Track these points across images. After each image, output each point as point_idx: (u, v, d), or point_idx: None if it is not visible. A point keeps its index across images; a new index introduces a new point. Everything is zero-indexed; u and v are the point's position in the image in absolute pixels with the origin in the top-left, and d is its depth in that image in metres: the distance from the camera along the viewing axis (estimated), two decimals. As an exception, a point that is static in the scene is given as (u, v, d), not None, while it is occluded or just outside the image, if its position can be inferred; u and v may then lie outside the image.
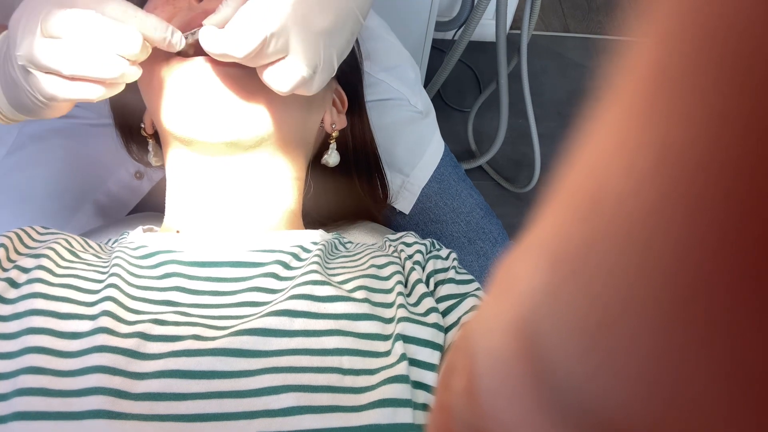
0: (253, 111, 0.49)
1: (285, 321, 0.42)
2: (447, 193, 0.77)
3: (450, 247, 0.60)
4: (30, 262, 0.45)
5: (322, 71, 0.45)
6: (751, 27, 0.09)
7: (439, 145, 0.79)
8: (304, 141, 0.57)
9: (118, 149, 0.69)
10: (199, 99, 0.47)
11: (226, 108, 0.48)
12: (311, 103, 0.55)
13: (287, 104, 0.51)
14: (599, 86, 0.12)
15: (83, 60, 0.41)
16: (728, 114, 0.09)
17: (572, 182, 0.13)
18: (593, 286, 0.12)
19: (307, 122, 0.56)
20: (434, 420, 0.20)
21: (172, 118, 0.49)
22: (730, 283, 0.10)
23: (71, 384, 0.38)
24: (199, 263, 0.48)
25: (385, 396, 0.39)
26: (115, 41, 0.41)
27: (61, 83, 0.43)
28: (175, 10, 0.49)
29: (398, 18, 1.24)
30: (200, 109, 0.48)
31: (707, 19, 0.10)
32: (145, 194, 0.75)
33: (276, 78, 0.43)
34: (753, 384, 0.10)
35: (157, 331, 0.42)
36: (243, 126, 0.49)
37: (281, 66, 0.43)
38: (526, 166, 1.59)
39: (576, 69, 1.79)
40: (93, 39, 0.41)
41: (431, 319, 0.45)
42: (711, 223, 0.10)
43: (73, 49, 0.41)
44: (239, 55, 0.41)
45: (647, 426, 0.11)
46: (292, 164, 0.55)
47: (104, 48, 0.41)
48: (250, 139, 0.50)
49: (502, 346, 0.15)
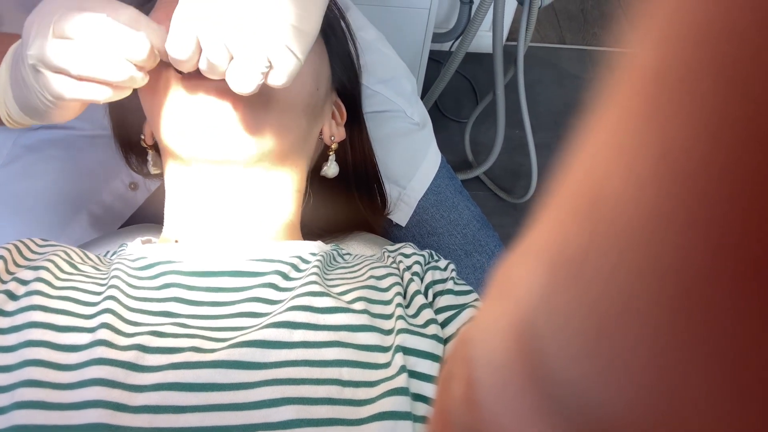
0: (253, 128, 0.49)
1: (284, 333, 0.42)
2: (444, 205, 0.77)
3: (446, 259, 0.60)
4: (29, 275, 0.45)
5: (280, 59, 0.42)
6: (750, 29, 0.09)
7: (436, 156, 0.79)
8: (304, 153, 0.57)
9: (112, 160, 0.69)
10: (199, 117, 0.48)
11: (226, 126, 0.48)
12: (310, 116, 0.55)
13: (287, 119, 0.51)
14: (596, 95, 0.12)
15: (92, 61, 0.42)
16: (727, 116, 0.09)
17: (571, 185, 0.13)
18: (592, 290, 0.12)
19: (307, 135, 0.56)
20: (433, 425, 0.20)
21: (172, 135, 0.49)
22: (730, 285, 0.10)
23: (70, 397, 0.38)
24: (198, 273, 0.48)
25: (386, 409, 0.39)
26: (124, 45, 0.42)
27: (69, 83, 0.43)
28: None
29: (396, 30, 1.24)
30: (200, 128, 0.48)
31: (706, 21, 0.10)
32: (140, 205, 0.75)
33: (235, 81, 0.42)
34: (753, 387, 0.10)
35: (156, 343, 0.42)
36: (243, 143, 0.49)
37: (233, 68, 0.42)
38: (523, 177, 1.59)
39: (572, 80, 1.80)
40: (103, 42, 0.42)
41: (430, 331, 0.45)
42: (710, 226, 0.10)
43: (82, 50, 0.42)
44: (182, 57, 0.42)
45: (648, 429, 0.11)
46: (291, 176, 0.55)
47: (113, 51, 0.42)
48: (250, 156, 0.50)
49: (500, 351, 0.15)
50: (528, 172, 1.47)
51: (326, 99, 0.59)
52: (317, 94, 0.55)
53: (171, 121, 0.49)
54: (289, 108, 0.51)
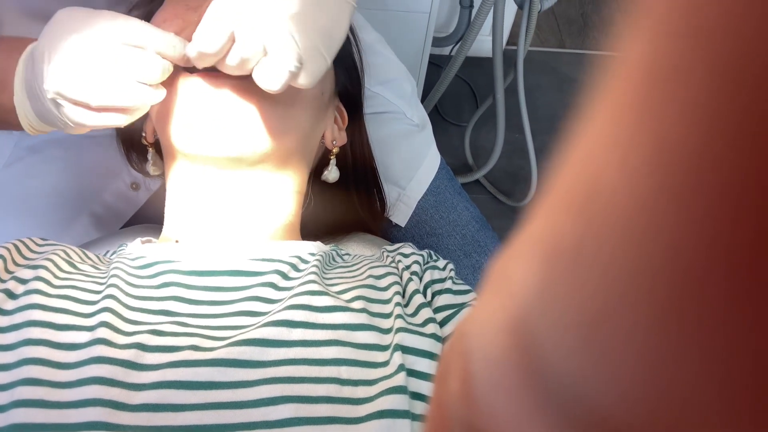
0: (258, 127, 0.49)
1: (283, 331, 0.42)
2: (443, 206, 0.77)
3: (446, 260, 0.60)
4: (28, 273, 0.45)
5: (310, 60, 0.43)
6: (744, 22, 0.09)
7: (435, 158, 0.80)
8: (306, 156, 0.57)
9: (113, 160, 0.70)
10: (204, 115, 0.48)
11: (231, 124, 0.48)
12: (314, 120, 0.55)
13: (292, 119, 0.51)
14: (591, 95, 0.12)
15: (109, 92, 0.43)
16: (721, 108, 0.09)
17: (565, 178, 0.13)
18: (587, 283, 0.12)
19: (310, 138, 0.57)
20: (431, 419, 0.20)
21: (179, 131, 0.50)
22: (724, 277, 0.10)
23: (69, 395, 0.38)
24: (197, 272, 0.48)
25: (384, 407, 0.39)
26: (137, 70, 0.43)
27: (89, 114, 0.45)
28: (185, 23, 0.49)
29: (396, 34, 1.25)
30: (208, 124, 0.48)
31: (699, 14, 0.10)
32: (142, 205, 0.75)
33: (263, 78, 0.43)
34: (746, 378, 0.10)
35: (155, 341, 0.42)
36: (247, 142, 0.49)
37: (264, 64, 0.43)
38: (523, 180, 1.59)
39: (571, 84, 1.80)
40: (117, 69, 0.43)
41: (429, 330, 0.45)
42: (704, 218, 0.10)
43: (98, 82, 0.43)
44: (211, 51, 0.43)
45: (642, 421, 0.11)
46: (293, 178, 0.55)
47: (128, 76, 0.43)
48: (253, 155, 0.50)
49: (496, 345, 0.15)
50: (528, 176, 1.47)
51: (329, 103, 0.59)
52: (322, 98, 0.56)
53: (179, 118, 0.49)
54: (296, 109, 0.52)
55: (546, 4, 1.24)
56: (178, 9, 0.50)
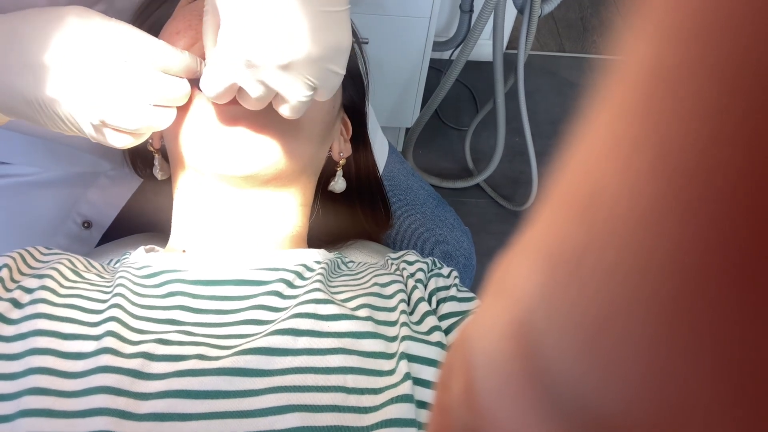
0: (273, 147, 0.49)
1: (289, 340, 0.42)
2: (399, 188, 0.78)
3: (410, 239, 0.60)
4: (33, 283, 0.45)
5: (325, 80, 0.43)
6: (745, 22, 0.09)
7: (384, 143, 0.80)
8: (315, 170, 0.57)
9: (61, 202, 0.67)
10: (218, 134, 0.48)
11: (246, 144, 0.48)
12: (324, 135, 0.55)
13: (306, 138, 0.51)
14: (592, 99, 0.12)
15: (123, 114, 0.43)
16: (725, 112, 0.09)
17: (568, 182, 0.13)
18: (590, 286, 0.11)
19: (319, 153, 0.57)
20: (433, 421, 0.20)
21: (188, 148, 0.49)
22: (728, 282, 0.09)
23: (75, 405, 0.38)
24: (203, 282, 0.48)
25: (390, 416, 0.39)
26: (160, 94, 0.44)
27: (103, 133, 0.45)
28: (198, 35, 0.48)
29: (396, 38, 1.25)
30: (219, 144, 0.48)
31: (701, 15, 0.10)
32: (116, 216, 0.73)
33: (284, 110, 0.44)
34: (749, 383, 0.10)
35: (162, 350, 0.42)
36: (261, 162, 0.49)
37: (280, 99, 0.44)
38: (524, 184, 1.59)
39: (571, 88, 1.80)
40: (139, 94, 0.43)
41: (434, 338, 0.45)
42: (708, 223, 0.10)
43: (113, 104, 0.43)
44: (221, 102, 0.45)
45: (644, 424, 0.11)
46: (301, 192, 0.55)
47: (139, 100, 0.43)
48: (267, 174, 0.50)
49: (499, 348, 0.15)
50: (528, 180, 1.47)
51: (337, 117, 0.59)
52: (332, 111, 0.56)
53: (192, 134, 0.49)
54: (308, 128, 0.52)
55: (546, 8, 1.24)
56: (191, 20, 0.50)
